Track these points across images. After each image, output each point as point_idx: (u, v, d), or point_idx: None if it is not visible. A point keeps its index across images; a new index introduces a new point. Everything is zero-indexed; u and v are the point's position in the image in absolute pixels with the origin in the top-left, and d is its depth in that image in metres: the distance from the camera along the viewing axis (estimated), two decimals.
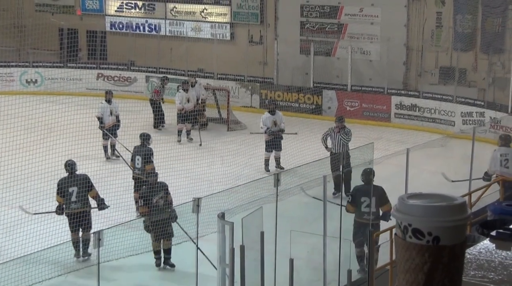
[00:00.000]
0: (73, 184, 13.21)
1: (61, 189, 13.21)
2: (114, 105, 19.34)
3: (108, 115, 19.14)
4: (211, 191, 13.56)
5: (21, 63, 27.15)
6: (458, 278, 2.73)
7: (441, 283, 2.67)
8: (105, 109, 19.16)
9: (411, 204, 2.71)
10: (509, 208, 4.79)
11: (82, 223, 13.12)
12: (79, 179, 13.32)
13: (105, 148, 19.08)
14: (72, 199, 13.15)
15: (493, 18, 22.92)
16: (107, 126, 19.10)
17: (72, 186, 13.19)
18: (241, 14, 26.90)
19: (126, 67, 26.97)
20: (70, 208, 13.15)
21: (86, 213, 13.21)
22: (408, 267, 2.70)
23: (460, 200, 2.74)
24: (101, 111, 19.13)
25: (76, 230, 13.15)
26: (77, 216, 13.08)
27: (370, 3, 24.75)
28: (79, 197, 13.15)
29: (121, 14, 28.83)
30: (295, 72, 25.63)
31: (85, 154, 17.57)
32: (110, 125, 19.12)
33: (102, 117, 19.13)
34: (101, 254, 9.48)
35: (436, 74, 24.05)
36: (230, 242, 9.38)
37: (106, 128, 19.04)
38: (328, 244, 11.15)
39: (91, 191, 13.37)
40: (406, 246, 2.69)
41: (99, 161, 17.89)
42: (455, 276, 2.73)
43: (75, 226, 13.10)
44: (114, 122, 19.18)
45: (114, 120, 19.18)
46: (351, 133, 16.78)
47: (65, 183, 13.25)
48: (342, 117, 17.33)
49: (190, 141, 20.58)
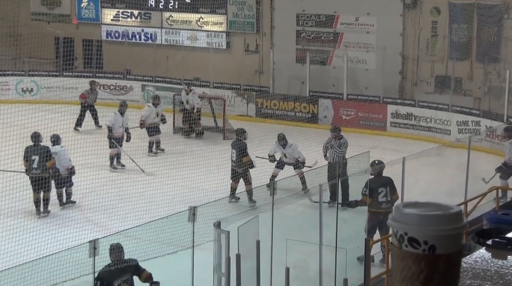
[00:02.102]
0: (36, 153, 15.49)
1: (26, 155, 15.56)
2: (125, 118, 19.59)
3: (119, 126, 19.30)
4: (207, 200, 13.54)
5: (17, 72, 27.14)
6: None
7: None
8: (117, 120, 19.34)
9: (407, 213, 2.71)
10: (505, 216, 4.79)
11: (42, 186, 15.38)
12: (41, 149, 15.54)
13: (112, 158, 19.15)
14: (33, 165, 15.44)
15: (489, 27, 22.99)
16: (116, 136, 19.21)
17: (35, 154, 15.48)
18: (237, 23, 26.94)
19: (122, 76, 26.97)
20: (31, 172, 15.47)
21: (45, 178, 15.48)
22: (404, 276, 2.70)
23: (456, 208, 2.74)
24: (113, 121, 19.31)
25: (37, 191, 15.43)
26: (38, 180, 15.37)
27: (366, 12, 24.81)
28: (39, 164, 15.45)
29: (117, 23, 28.85)
30: (291, 81, 25.65)
31: (81, 162, 17.55)
32: (119, 136, 19.29)
33: (112, 127, 19.27)
34: (96, 263, 9.46)
35: (432, 83, 24.10)
36: (226, 251, 9.38)
37: (114, 138, 19.12)
38: (324, 253, 11.14)
39: (49, 161, 15.53)
40: (402, 255, 2.69)
41: (94, 169, 17.86)
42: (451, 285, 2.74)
43: (36, 188, 15.39)
44: (122, 134, 19.39)
45: (123, 132, 19.39)
46: (346, 145, 16.76)
47: (29, 151, 15.56)
48: (337, 128, 17.35)
49: (162, 152, 20.60)
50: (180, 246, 11.83)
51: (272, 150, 17.53)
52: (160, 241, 12.12)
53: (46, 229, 13.62)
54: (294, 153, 17.26)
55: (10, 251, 12.71)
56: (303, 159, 17.33)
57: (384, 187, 13.37)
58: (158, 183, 17.41)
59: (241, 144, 16.79)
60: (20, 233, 13.46)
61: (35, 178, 15.40)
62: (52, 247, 12.60)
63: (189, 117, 22.21)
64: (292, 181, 15.95)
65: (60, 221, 14.91)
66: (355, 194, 14.02)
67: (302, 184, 16.31)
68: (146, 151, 20.35)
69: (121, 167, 19.08)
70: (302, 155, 17.37)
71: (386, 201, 13.31)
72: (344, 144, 16.74)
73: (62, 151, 16.11)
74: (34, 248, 12.74)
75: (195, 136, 22.37)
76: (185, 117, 22.28)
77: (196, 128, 22.39)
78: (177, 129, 22.86)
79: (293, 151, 17.26)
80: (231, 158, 16.83)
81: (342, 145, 16.68)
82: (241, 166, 16.55)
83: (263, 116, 24.85)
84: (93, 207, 15.96)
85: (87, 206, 16.30)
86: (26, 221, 14.60)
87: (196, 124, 22.40)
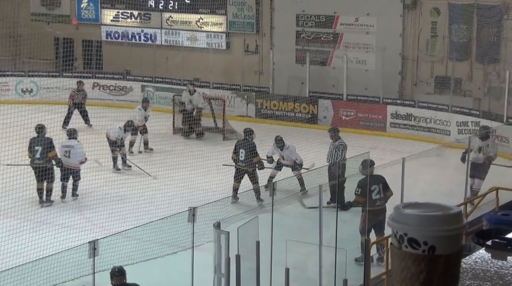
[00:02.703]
0: (39, 143, 16.16)
1: (30, 146, 16.23)
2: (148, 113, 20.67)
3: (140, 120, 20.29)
4: (206, 200, 13.55)
5: (16, 73, 27.15)
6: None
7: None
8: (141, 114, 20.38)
9: (406, 213, 2.71)
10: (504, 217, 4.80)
11: (45, 176, 16.00)
12: (44, 140, 16.22)
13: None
14: (36, 156, 16.12)
15: (488, 28, 22.99)
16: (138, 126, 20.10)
17: (38, 145, 16.14)
18: (237, 24, 26.94)
19: (121, 76, 26.97)
20: (34, 162, 16.15)
21: (48, 168, 16.05)
22: (404, 277, 2.70)
23: (455, 209, 2.74)
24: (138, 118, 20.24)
25: (40, 181, 16.06)
26: (40, 170, 16.02)
27: (366, 13, 24.80)
28: (42, 155, 16.11)
29: (117, 23, 28.86)
30: (290, 82, 25.65)
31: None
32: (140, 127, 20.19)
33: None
34: (96, 264, 9.46)
35: (432, 84, 24.09)
36: (226, 252, 9.38)
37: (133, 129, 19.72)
38: (323, 253, 11.14)
39: (51, 151, 16.15)
40: (402, 255, 2.69)
41: (93, 169, 17.85)
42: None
43: (39, 178, 16.06)
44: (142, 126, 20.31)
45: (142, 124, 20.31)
46: (343, 148, 16.66)
47: (33, 142, 16.27)
48: (333, 128, 17.36)
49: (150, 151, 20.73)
50: (180, 247, 11.83)
51: (270, 151, 17.53)
52: (160, 242, 12.14)
53: (46, 229, 13.63)
54: (292, 155, 17.23)
55: (10, 251, 12.71)
56: (301, 160, 17.33)
57: (377, 184, 13.36)
58: (157, 184, 17.41)
59: (250, 144, 16.79)
60: (20, 233, 13.47)
61: (38, 168, 16.09)
62: (52, 247, 12.60)
63: (189, 118, 22.23)
64: (291, 182, 15.98)
65: (60, 222, 14.91)
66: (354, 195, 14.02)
67: (300, 185, 16.33)
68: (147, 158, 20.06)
69: (127, 168, 19.02)
70: (300, 157, 17.37)
71: (380, 198, 13.32)
72: (340, 147, 16.65)
73: (77, 145, 16.63)
74: (34, 249, 12.75)
75: (195, 137, 22.37)
76: (185, 118, 22.29)
77: (197, 129, 22.40)
78: (176, 130, 22.85)
79: (290, 153, 17.23)
80: (238, 157, 16.73)
81: (339, 148, 16.61)
82: (251, 166, 16.59)
83: (263, 116, 24.85)
84: (93, 208, 15.96)
85: (87, 206, 16.30)
86: (26, 221, 14.60)
87: (197, 125, 22.41)
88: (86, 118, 23.20)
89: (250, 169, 16.60)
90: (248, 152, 16.63)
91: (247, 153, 16.62)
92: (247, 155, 16.60)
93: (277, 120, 24.36)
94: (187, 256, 10.65)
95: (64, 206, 16.24)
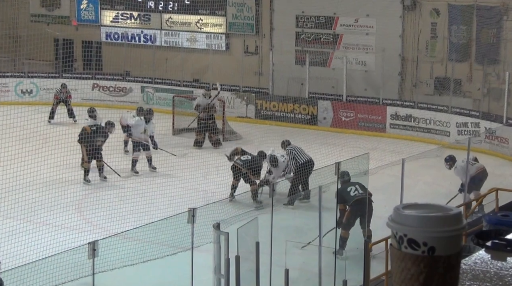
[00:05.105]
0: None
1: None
2: (150, 126, 19.12)
3: (140, 132, 18.85)
4: (206, 201, 13.55)
5: (16, 74, 27.16)
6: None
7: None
8: (139, 125, 18.88)
9: (406, 214, 2.70)
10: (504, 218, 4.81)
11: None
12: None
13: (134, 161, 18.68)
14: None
15: (488, 29, 23.00)
16: (134, 140, 18.93)
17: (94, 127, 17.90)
18: (237, 25, 26.94)
19: (121, 77, 26.98)
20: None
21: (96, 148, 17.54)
22: (404, 278, 2.70)
23: (455, 210, 2.74)
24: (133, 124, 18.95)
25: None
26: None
27: (365, 14, 24.81)
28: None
29: (116, 24, 28.86)
30: (290, 83, 25.66)
31: (80, 163, 17.55)
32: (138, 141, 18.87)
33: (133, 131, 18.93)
34: (96, 265, 9.45)
35: (431, 85, 24.10)
36: (226, 253, 9.37)
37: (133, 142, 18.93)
38: (323, 254, 11.14)
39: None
40: (402, 256, 2.69)
41: (93, 170, 17.85)
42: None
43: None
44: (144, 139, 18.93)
45: (145, 138, 18.94)
46: (289, 156, 16.53)
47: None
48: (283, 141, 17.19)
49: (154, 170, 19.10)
50: (179, 248, 11.83)
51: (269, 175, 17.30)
52: (160, 243, 12.13)
53: (45, 230, 13.61)
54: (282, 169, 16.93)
55: (10, 252, 12.70)
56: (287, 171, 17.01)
57: (353, 185, 13.29)
58: (157, 184, 17.41)
59: (258, 163, 16.54)
60: (19, 234, 13.46)
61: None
62: (51, 248, 12.60)
63: (206, 126, 21.12)
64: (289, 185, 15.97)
65: (60, 223, 14.90)
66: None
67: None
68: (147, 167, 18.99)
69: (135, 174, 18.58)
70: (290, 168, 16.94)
71: (359, 193, 13.14)
72: (287, 153, 16.58)
73: (138, 122, 18.78)
74: (34, 250, 12.74)
75: (212, 146, 21.17)
76: (200, 127, 21.19)
77: (214, 137, 21.29)
78: (176, 131, 22.80)
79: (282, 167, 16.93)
80: (241, 157, 16.64)
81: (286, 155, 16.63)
82: (247, 170, 16.34)
83: (263, 117, 24.85)
84: (93, 208, 15.95)
85: (86, 207, 16.30)
86: (26, 222, 14.58)
87: (215, 133, 21.35)
88: (71, 113, 23.54)
89: (245, 170, 16.43)
90: (252, 167, 16.35)
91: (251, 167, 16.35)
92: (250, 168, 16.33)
93: (277, 121, 24.36)
94: (186, 257, 10.64)
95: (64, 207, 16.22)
